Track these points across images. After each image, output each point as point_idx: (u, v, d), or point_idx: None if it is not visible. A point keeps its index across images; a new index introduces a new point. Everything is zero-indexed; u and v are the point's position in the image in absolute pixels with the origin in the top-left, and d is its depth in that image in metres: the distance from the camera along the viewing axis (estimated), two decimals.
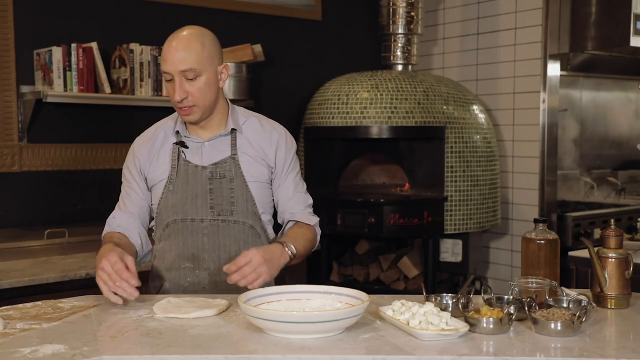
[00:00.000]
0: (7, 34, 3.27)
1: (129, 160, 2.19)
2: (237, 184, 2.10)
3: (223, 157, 2.11)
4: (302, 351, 1.53)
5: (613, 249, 1.96)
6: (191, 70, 1.99)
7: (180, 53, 1.99)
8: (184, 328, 1.70)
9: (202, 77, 2.02)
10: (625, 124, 4.98)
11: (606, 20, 3.87)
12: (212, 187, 2.09)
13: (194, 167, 2.10)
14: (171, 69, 2.00)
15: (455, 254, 3.91)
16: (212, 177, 2.10)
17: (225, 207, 2.10)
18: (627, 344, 1.64)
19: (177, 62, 1.99)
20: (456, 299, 1.81)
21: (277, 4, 4.16)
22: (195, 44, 2.00)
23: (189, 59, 1.99)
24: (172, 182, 2.10)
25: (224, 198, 2.10)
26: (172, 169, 2.10)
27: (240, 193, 2.10)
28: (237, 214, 2.10)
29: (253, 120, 2.18)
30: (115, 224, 2.13)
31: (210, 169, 2.10)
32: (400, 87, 3.80)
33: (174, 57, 1.99)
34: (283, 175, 2.17)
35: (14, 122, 3.31)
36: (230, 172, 2.10)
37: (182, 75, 2.00)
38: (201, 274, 2.11)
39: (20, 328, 1.69)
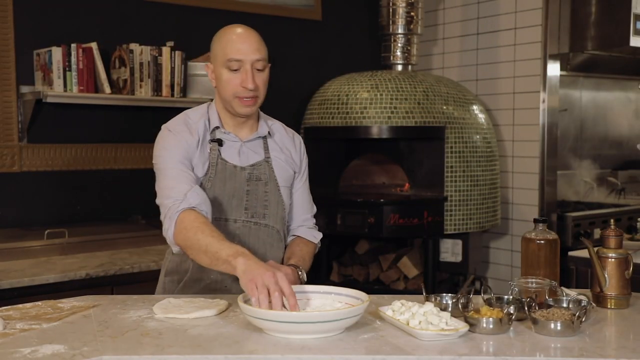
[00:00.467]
0: (7, 34, 3.27)
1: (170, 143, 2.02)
2: (270, 187, 2.11)
3: (258, 160, 2.12)
4: (302, 351, 1.53)
5: (613, 249, 1.96)
6: (263, 61, 2.02)
7: (254, 43, 2.01)
8: (183, 328, 1.70)
9: (266, 71, 2.06)
10: (625, 124, 4.98)
11: (606, 20, 3.87)
12: (249, 188, 2.09)
13: (233, 167, 2.08)
14: (245, 57, 1.99)
15: (455, 254, 3.91)
16: (249, 179, 2.09)
17: (259, 210, 2.10)
18: (627, 344, 1.64)
19: (253, 51, 2.00)
20: (456, 299, 1.81)
21: (276, 4, 4.16)
22: (262, 41, 2.05)
23: (262, 49, 2.03)
24: (210, 179, 2.06)
25: (258, 201, 2.10)
26: (210, 167, 2.06)
27: (273, 197, 2.12)
28: (269, 217, 2.11)
29: (278, 125, 2.22)
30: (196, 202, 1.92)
31: (248, 170, 2.09)
32: (400, 87, 3.80)
33: (249, 46, 2.00)
34: (301, 181, 2.22)
35: (14, 122, 3.31)
36: (266, 175, 2.11)
37: (254, 65, 2.01)
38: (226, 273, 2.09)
39: (20, 328, 1.69)
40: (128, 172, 3.64)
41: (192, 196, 1.92)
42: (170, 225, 1.91)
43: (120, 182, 3.62)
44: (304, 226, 2.24)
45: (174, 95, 3.49)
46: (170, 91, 3.48)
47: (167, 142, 2.03)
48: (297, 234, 2.22)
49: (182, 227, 1.88)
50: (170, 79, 3.47)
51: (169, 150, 2.01)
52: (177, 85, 3.49)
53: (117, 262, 3.01)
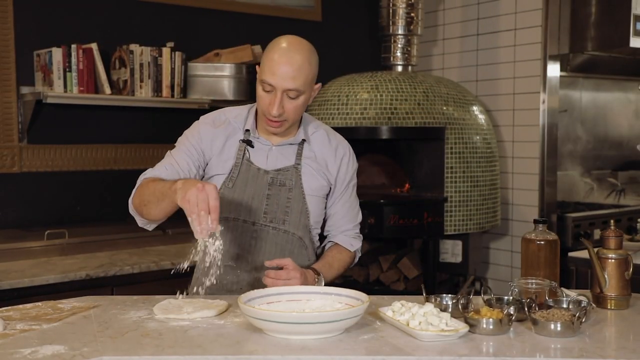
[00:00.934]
0: (7, 35, 3.27)
1: (192, 134, 2.09)
2: (295, 194, 2.09)
3: (287, 165, 2.10)
4: (302, 352, 1.53)
5: (613, 250, 1.96)
6: (296, 91, 1.97)
7: (292, 72, 1.94)
8: (183, 329, 1.70)
9: (302, 97, 2.00)
10: (625, 124, 4.98)
11: (606, 21, 3.87)
12: (270, 192, 2.08)
13: (257, 169, 2.08)
14: (277, 83, 1.95)
15: (455, 254, 3.91)
16: (272, 183, 2.08)
17: (279, 216, 2.08)
18: (626, 345, 1.64)
19: (287, 80, 1.94)
20: (456, 300, 1.81)
21: (277, 4, 4.17)
22: (306, 65, 1.98)
23: (299, 79, 1.96)
24: (233, 180, 2.07)
25: (279, 206, 2.08)
26: (234, 167, 2.07)
27: (296, 204, 2.09)
28: (289, 224, 2.09)
29: (321, 133, 2.17)
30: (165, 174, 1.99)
31: (272, 174, 2.08)
32: (400, 88, 3.80)
33: (285, 73, 1.94)
34: (340, 192, 2.17)
35: (14, 123, 3.31)
36: (291, 182, 2.09)
37: (286, 92, 1.96)
38: (242, 275, 2.08)
39: (20, 329, 1.69)
40: (128, 173, 3.64)
41: (158, 170, 2.00)
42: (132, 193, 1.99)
43: (120, 182, 3.61)
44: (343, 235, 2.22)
45: (174, 96, 3.49)
46: (171, 92, 3.48)
47: (190, 131, 2.11)
48: (334, 241, 2.21)
49: (139, 189, 1.96)
50: (170, 79, 3.47)
51: (185, 137, 2.09)
52: (177, 85, 3.49)
53: (117, 262, 3.01)
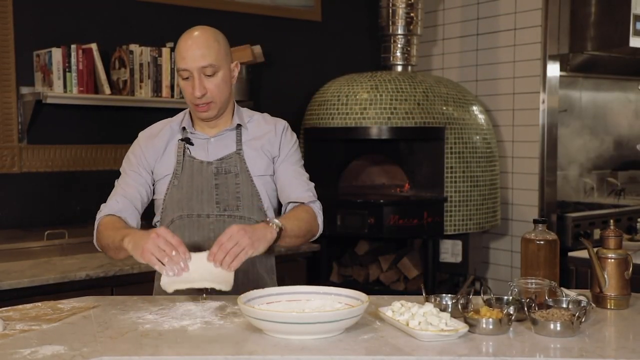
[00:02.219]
0: (7, 35, 3.27)
1: (134, 150, 2.18)
2: (242, 179, 2.11)
3: (228, 153, 2.13)
4: (301, 352, 1.53)
5: (612, 250, 1.96)
6: (210, 67, 2.02)
7: (200, 50, 2.01)
8: (183, 329, 1.70)
9: (220, 74, 2.05)
10: (624, 124, 4.98)
11: (606, 20, 3.88)
12: (217, 182, 2.10)
13: (200, 162, 2.11)
14: (191, 65, 2.01)
15: (455, 254, 3.91)
16: (217, 173, 2.11)
17: (231, 203, 2.10)
18: (626, 345, 1.64)
19: (198, 59, 2.01)
20: (456, 300, 1.81)
21: (276, 5, 4.17)
22: (212, 42, 2.04)
23: (209, 55, 2.02)
24: (177, 177, 2.11)
25: (229, 193, 2.10)
26: (177, 164, 2.12)
27: (245, 188, 2.11)
28: (243, 209, 2.11)
29: (257, 117, 2.22)
30: (117, 208, 2.09)
31: (215, 164, 2.11)
32: (400, 88, 3.80)
33: (194, 53, 2.01)
34: (283, 160, 2.17)
35: (14, 123, 3.31)
36: (236, 168, 2.11)
37: (202, 71, 2.02)
38: None
39: (20, 329, 1.69)
40: None
41: (111, 204, 2.09)
42: (94, 231, 2.09)
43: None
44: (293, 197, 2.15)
45: (173, 96, 3.49)
46: (170, 92, 3.48)
47: (130, 150, 2.19)
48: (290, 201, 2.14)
49: (98, 232, 2.07)
50: (170, 79, 3.48)
51: (127, 157, 2.18)
52: (177, 86, 3.49)
53: (117, 263, 3.00)
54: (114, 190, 2.16)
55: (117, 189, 2.15)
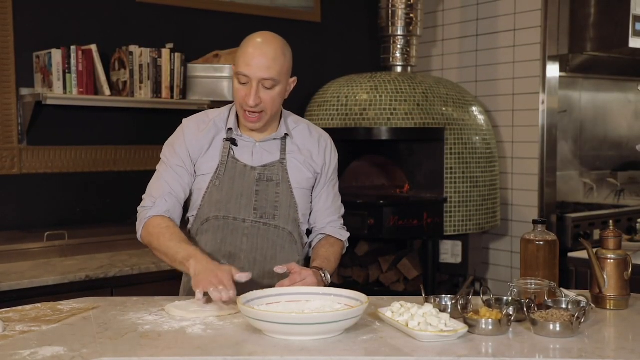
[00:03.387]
0: (6, 37, 3.27)
1: (178, 140, 2.12)
2: (282, 188, 2.11)
3: (272, 160, 2.12)
4: (301, 353, 1.53)
5: (612, 250, 1.96)
6: (272, 80, 2.01)
7: (266, 61, 1.99)
8: (183, 330, 1.70)
9: (278, 87, 2.04)
10: (624, 125, 4.98)
11: (605, 21, 3.88)
12: (258, 188, 2.09)
13: (243, 166, 2.10)
14: (253, 74, 1.99)
15: (454, 255, 3.91)
16: (259, 179, 2.10)
17: (269, 211, 2.10)
18: (626, 345, 1.64)
19: (262, 70, 1.99)
20: (455, 301, 1.81)
21: (276, 6, 4.17)
22: (280, 55, 2.03)
23: (273, 69, 2.00)
24: (220, 178, 2.09)
25: (268, 201, 2.10)
26: (220, 165, 2.09)
27: (285, 198, 2.11)
28: (279, 219, 2.11)
29: (303, 127, 2.21)
30: (166, 208, 2.06)
31: (259, 170, 2.10)
32: (399, 89, 3.80)
33: (259, 63, 1.99)
34: (326, 182, 2.20)
35: (14, 125, 3.31)
36: (278, 176, 2.11)
37: (261, 82, 2.01)
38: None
39: (20, 330, 1.69)
40: (128, 174, 3.64)
41: (160, 204, 2.06)
42: (139, 228, 2.08)
43: (120, 184, 3.62)
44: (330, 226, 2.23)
45: (173, 97, 3.49)
46: (170, 93, 3.48)
47: (175, 139, 2.13)
48: (324, 232, 2.21)
49: (147, 233, 2.05)
50: (170, 80, 3.48)
51: (172, 147, 2.12)
52: (176, 87, 3.50)
53: (117, 264, 3.01)
54: (157, 182, 2.10)
55: (161, 182, 2.09)
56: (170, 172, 2.09)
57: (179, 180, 2.09)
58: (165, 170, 2.10)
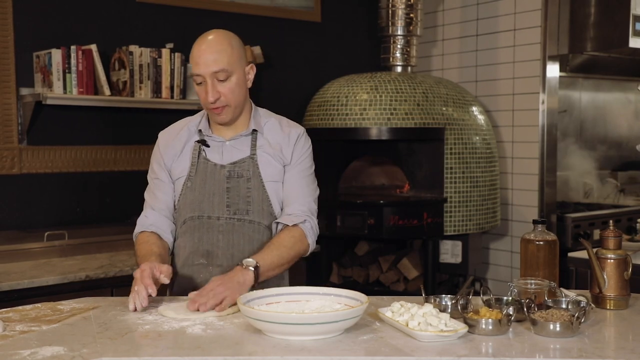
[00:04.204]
0: (6, 37, 3.27)
1: (155, 155, 2.23)
2: (254, 183, 2.13)
3: (242, 157, 2.14)
4: (301, 353, 1.53)
5: (612, 250, 1.96)
6: (223, 71, 2.04)
7: (212, 55, 2.03)
8: (183, 329, 1.70)
9: (233, 78, 2.07)
10: (624, 125, 4.98)
11: (605, 21, 3.88)
12: (229, 185, 2.12)
13: (213, 165, 2.14)
14: (204, 71, 2.04)
15: (454, 255, 3.91)
16: (229, 176, 2.13)
17: (242, 207, 2.12)
18: (626, 345, 1.64)
19: (210, 64, 2.03)
20: (455, 300, 1.81)
21: (276, 5, 4.17)
22: (225, 46, 2.06)
23: (221, 60, 2.04)
24: (191, 179, 2.14)
25: (240, 197, 2.12)
26: (191, 167, 2.15)
27: (256, 193, 2.13)
28: (253, 213, 2.13)
29: (273, 122, 2.22)
30: (148, 223, 2.16)
31: (228, 167, 2.13)
32: (399, 89, 3.80)
33: (206, 59, 2.03)
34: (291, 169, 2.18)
35: (14, 125, 3.31)
36: (248, 172, 2.13)
37: (214, 76, 2.04)
38: (214, 270, 2.12)
39: (20, 330, 1.69)
40: (128, 174, 3.64)
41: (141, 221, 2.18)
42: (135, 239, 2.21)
43: (120, 183, 3.62)
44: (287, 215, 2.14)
45: (173, 97, 3.49)
46: (170, 93, 3.48)
47: (153, 152, 2.24)
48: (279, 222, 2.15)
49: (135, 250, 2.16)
50: (169, 80, 3.48)
51: (152, 161, 2.24)
52: (176, 87, 3.50)
53: (117, 264, 3.01)
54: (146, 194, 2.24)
55: (147, 198, 2.23)
56: (151, 187, 2.22)
57: (158, 193, 2.19)
58: (150, 185, 2.23)
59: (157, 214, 2.17)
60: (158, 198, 2.19)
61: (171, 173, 2.19)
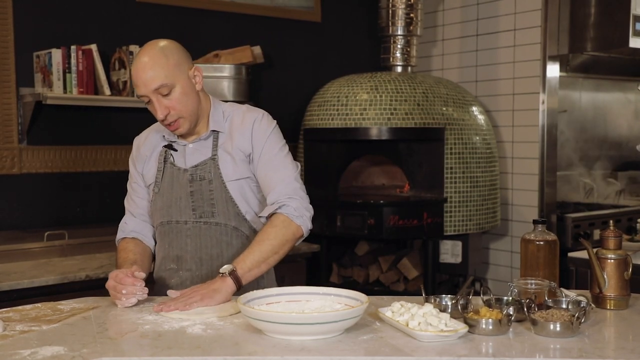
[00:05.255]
0: (6, 37, 3.27)
1: (131, 160, 2.27)
2: (215, 185, 2.10)
3: (203, 159, 2.12)
4: (301, 353, 1.53)
5: (612, 250, 1.96)
6: (163, 86, 1.99)
7: (147, 73, 1.98)
8: (183, 329, 1.70)
9: (177, 88, 2.01)
10: (624, 125, 4.98)
11: (605, 21, 3.88)
12: (192, 189, 2.11)
13: (177, 169, 2.13)
14: (144, 91, 2.00)
15: (455, 255, 3.91)
16: (192, 180, 2.11)
17: (206, 209, 2.11)
18: (626, 345, 1.64)
19: (148, 82, 1.98)
20: (455, 300, 1.81)
21: (276, 5, 4.17)
22: (159, 59, 1.99)
23: (157, 76, 1.98)
24: (158, 184, 2.15)
25: (204, 200, 2.11)
26: (157, 172, 2.16)
27: (219, 194, 2.10)
28: (219, 215, 2.11)
29: (234, 115, 2.14)
30: (129, 229, 2.20)
31: (190, 171, 2.12)
32: (399, 89, 3.80)
33: (143, 78, 1.99)
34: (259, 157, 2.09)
35: (14, 125, 3.31)
36: (210, 174, 2.10)
37: (157, 93, 2.00)
38: (184, 274, 2.13)
39: (20, 330, 1.69)
40: (128, 174, 3.63)
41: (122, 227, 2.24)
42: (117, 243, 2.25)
43: (120, 184, 3.59)
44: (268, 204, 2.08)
45: None
46: None
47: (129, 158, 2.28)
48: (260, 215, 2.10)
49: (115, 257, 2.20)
50: None
51: (129, 166, 2.28)
52: None
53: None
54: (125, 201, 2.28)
55: (126, 204, 2.27)
56: (129, 193, 2.26)
57: (135, 199, 2.23)
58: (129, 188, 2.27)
59: (136, 220, 2.21)
60: (136, 203, 2.22)
61: (144, 178, 2.20)
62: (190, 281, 2.11)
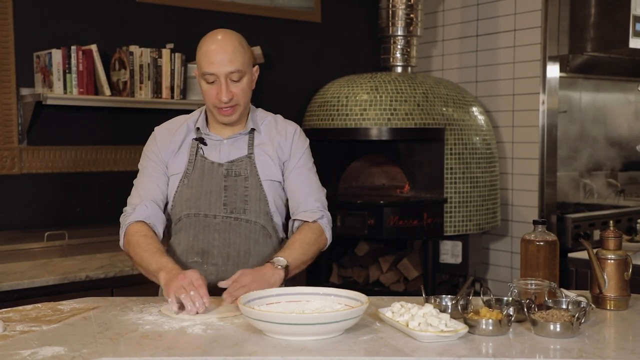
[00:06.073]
0: (6, 37, 3.27)
1: (150, 146, 2.20)
2: (251, 182, 2.13)
3: (240, 156, 2.15)
4: (301, 353, 1.53)
5: (612, 251, 1.96)
6: (238, 72, 2.05)
7: (227, 55, 2.03)
8: (183, 330, 1.70)
9: (245, 78, 2.08)
10: (624, 125, 4.98)
11: (605, 21, 3.88)
12: (227, 184, 2.13)
13: (211, 163, 2.14)
14: (218, 70, 2.03)
15: (455, 255, 3.91)
16: (227, 175, 2.13)
17: (239, 205, 2.12)
18: (626, 345, 1.64)
19: (226, 64, 2.03)
20: (455, 301, 1.81)
21: (276, 5, 4.17)
22: (239, 47, 2.07)
23: (236, 60, 2.05)
24: (188, 176, 2.14)
25: (237, 196, 2.12)
26: (189, 164, 2.15)
27: (254, 192, 2.13)
28: (250, 212, 2.13)
29: (269, 120, 2.23)
30: (147, 214, 2.10)
31: (226, 166, 2.14)
32: (399, 89, 3.80)
33: (222, 59, 2.03)
34: (294, 169, 2.18)
35: (14, 125, 3.31)
36: (246, 171, 2.13)
37: (229, 76, 2.05)
38: (209, 269, 2.12)
39: (20, 330, 1.69)
40: (128, 174, 3.62)
41: (140, 210, 2.10)
42: (121, 236, 2.11)
43: (120, 184, 3.61)
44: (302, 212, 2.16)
45: (173, 98, 3.49)
46: (170, 93, 3.48)
47: (147, 146, 2.21)
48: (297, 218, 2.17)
49: (127, 241, 2.07)
50: (170, 81, 3.48)
51: (145, 154, 2.20)
52: (177, 87, 3.50)
53: (117, 264, 3.01)
54: (135, 192, 2.16)
55: (139, 189, 2.16)
56: (147, 178, 2.16)
57: (156, 183, 2.15)
58: (143, 178, 2.17)
59: (156, 207, 2.12)
60: (155, 188, 2.14)
61: (168, 168, 2.17)
62: (215, 276, 2.09)
